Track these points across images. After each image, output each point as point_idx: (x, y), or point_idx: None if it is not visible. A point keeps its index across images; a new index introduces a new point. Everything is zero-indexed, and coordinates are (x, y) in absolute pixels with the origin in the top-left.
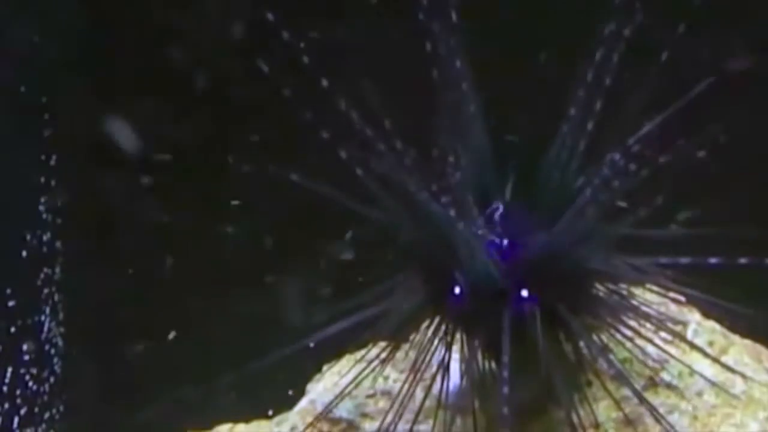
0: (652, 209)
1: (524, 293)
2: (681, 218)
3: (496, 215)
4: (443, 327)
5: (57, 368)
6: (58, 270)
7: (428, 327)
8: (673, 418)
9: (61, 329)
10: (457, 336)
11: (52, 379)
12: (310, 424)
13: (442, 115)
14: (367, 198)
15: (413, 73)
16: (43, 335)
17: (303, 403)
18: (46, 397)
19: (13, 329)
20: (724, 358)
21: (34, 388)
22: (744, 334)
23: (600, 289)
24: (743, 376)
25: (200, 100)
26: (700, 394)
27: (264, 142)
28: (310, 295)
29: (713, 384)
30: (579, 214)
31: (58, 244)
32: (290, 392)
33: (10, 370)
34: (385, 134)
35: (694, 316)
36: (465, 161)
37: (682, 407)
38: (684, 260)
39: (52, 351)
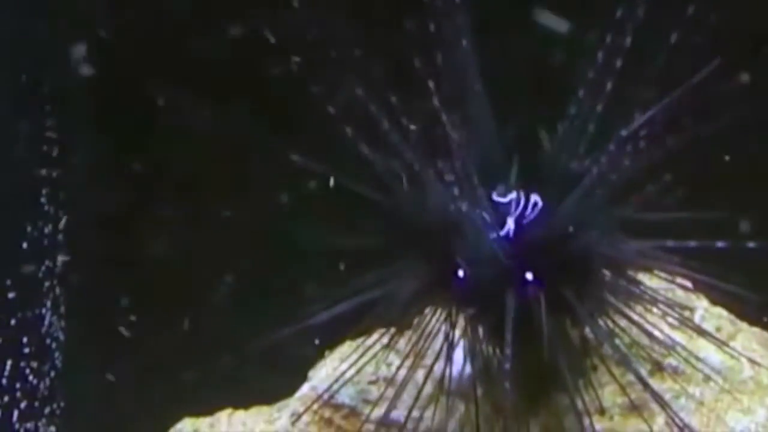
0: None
1: (529, 276)
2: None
3: (502, 198)
4: (447, 311)
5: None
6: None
7: (431, 311)
8: (680, 403)
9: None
10: (461, 321)
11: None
12: (308, 408)
13: (446, 96)
14: (372, 180)
15: (419, 53)
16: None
17: (304, 389)
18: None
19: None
20: (731, 344)
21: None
22: (752, 322)
23: (606, 273)
24: (751, 361)
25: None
26: (706, 379)
27: (266, 118)
28: (313, 280)
29: (719, 371)
30: (584, 196)
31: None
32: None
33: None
34: (389, 114)
35: (701, 303)
36: (470, 144)
37: (689, 392)
38: (691, 244)
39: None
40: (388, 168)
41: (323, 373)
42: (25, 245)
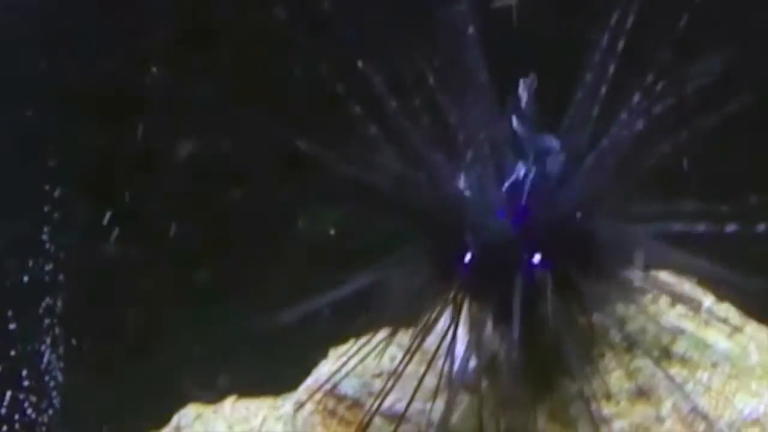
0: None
1: (536, 258)
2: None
3: (508, 180)
4: (452, 295)
5: None
6: None
7: (436, 304)
8: (687, 388)
9: None
10: (465, 312)
11: None
12: (312, 396)
13: (452, 80)
14: (377, 163)
15: (422, 39)
16: None
17: (308, 381)
18: None
19: None
20: (738, 334)
21: None
22: (761, 319)
23: (614, 259)
24: None
25: None
26: (714, 365)
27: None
28: (315, 264)
29: (727, 357)
30: (591, 177)
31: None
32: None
33: None
34: (395, 99)
35: (708, 297)
36: (476, 126)
37: (696, 377)
38: (700, 228)
39: None
40: (393, 153)
41: (327, 367)
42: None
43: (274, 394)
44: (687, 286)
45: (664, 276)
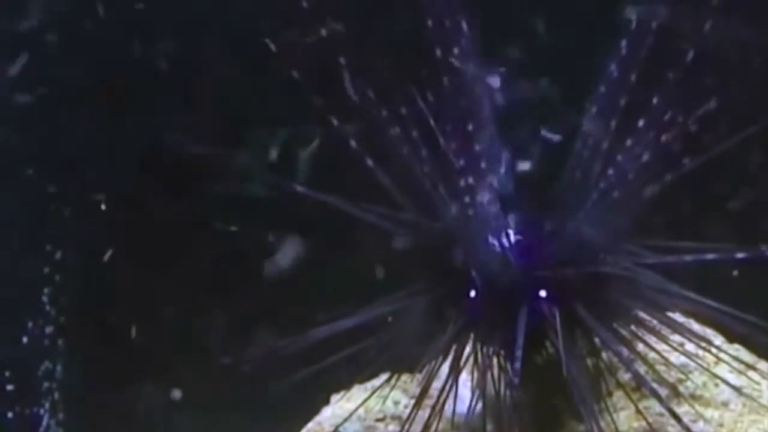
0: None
1: (542, 295)
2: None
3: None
4: (457, 334)
5: None
6: None
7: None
8: (698, 426)
9: None
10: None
11: None
12: None
13: (455, 113)
14: (382, 200)
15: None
16: None
17: (310, 425)
18: None
19: None
20: (750, 372)
21: None
22: None
23: (622, 296)
24: None
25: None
26: (726, 403)
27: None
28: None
29: (739, 392)
30: (595, 214)
31: None
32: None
33: None
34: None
35: (718, 338)
36: (480, 163)
37: (707, 415)
38: (709, 256)
39: None
40: (400, 187)
41: (329, 412)
42: None
43: None
44: (696, 326)
45: (673, 315)
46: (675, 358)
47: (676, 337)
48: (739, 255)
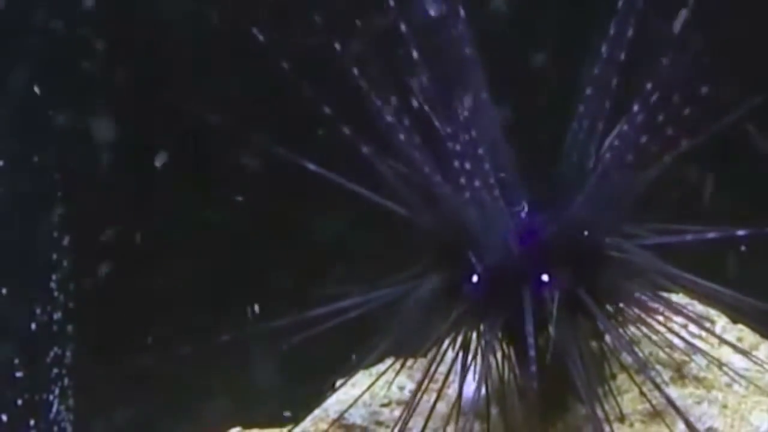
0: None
1: (544, 278)
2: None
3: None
4: (460, 318)
5: None
6: None
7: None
8: (703, 407)
9: None
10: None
11: None
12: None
13: (455, 98)
14: (382, 183)
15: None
16: None
17: (316, 411)
18: None
19: None
20: (754, 353)
21: None
22: None
23: (625, 279)
24: None
25: None
26: (729, 385)
27: (274, 123)
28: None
29: (742, 375)
30: (596, 195)
31: None
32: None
33: None
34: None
35: (721, 318)
36: (481, 146)
37: (711, 397)
38: (711, 234)
39: None
40: (400, 173)
41: (334, 399)
42: None
43: (280, 425)
44: (700, 308)
45: (677, 298)
46: (679, 340)
47: (680, 319)
48: (740, 233)
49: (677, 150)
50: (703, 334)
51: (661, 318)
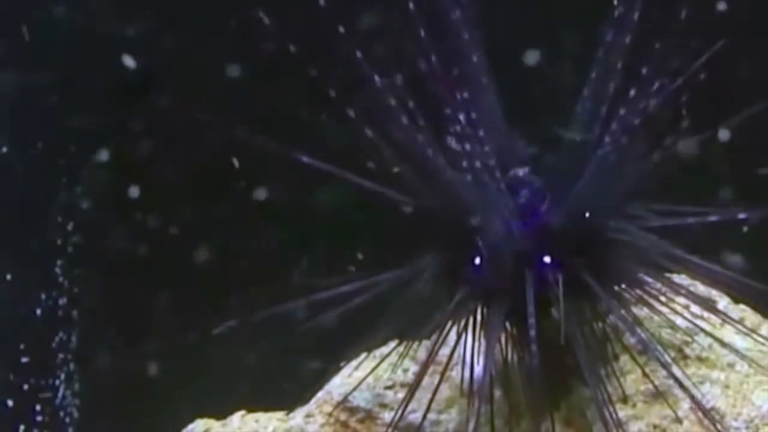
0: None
1: (547, 260)
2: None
3: (517, 182)
4: (463, 300)
5: None
6: None
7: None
8: (705, 387)
9: None
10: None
11: None
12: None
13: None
14: (385, 169)
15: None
16: None
17: (320, 393)
18: None
19: None
20: (755, 333)
21: None
22: None
23: (627, 260)
24: None
25: None
26: (731, 365)
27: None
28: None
29: (744, 355)
30: (599, 177)
31: None
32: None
33: None
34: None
35: (723, 300)
36: (483, 129)
37: (714, 377)
38: (713, 217)
39: None
40: (403, 157)
41: (338, 381)
42: None
43: (284, 408)
44: (702, 288)
45: (679, 278)
46: (681, 320)
47: (682, 300)
48: (741, 216)
49: (681, 132)
50: (705, 314)
51: (663, 298)
